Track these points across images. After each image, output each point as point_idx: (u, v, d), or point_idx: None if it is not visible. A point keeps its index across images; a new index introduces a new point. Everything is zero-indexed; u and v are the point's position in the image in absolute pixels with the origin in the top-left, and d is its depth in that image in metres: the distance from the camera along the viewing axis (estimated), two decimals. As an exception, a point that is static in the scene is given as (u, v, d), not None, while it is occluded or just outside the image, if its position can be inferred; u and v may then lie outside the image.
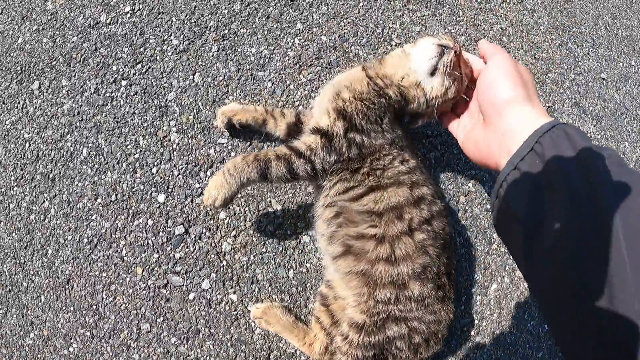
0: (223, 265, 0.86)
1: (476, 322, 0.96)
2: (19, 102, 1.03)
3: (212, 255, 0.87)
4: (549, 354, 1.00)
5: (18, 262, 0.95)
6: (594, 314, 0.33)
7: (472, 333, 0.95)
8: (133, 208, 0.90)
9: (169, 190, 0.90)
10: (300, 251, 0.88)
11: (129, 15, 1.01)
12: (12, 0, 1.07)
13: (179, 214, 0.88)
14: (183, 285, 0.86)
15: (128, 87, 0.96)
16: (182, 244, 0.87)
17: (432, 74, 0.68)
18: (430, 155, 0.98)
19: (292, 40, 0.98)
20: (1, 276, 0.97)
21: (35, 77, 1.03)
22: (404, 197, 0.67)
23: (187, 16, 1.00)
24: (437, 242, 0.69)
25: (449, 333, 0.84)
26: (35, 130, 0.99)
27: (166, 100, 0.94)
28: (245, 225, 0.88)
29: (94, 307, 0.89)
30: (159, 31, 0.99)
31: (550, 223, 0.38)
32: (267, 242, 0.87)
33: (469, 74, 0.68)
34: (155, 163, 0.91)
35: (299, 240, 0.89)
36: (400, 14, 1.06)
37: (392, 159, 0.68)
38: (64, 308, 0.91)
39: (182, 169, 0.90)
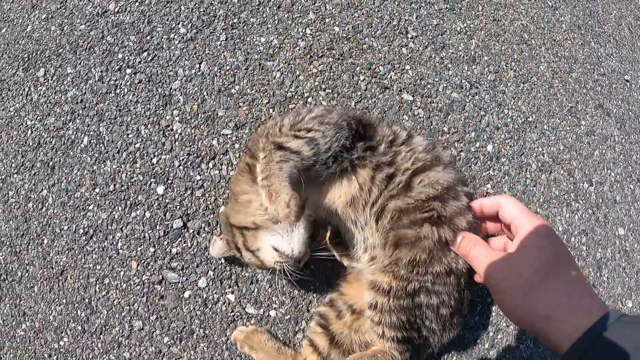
0: (221, 263, 0.79)
1: (491, 334, 0.86)
2: (24, 89, 0.98)
3: (211, 252, 0.79)
4: (569, 374, 0.89)
5: (13, 250, 0.89)
6: None
7: (486, 346, 0.85)
8: (131, 199, 0.83)
9: (169, 181, 0.83)
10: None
11: (137, 3, 0.95)
12: (24, -13, 1.03)
13: (178, 207, 0.81)
14: (179, 282, 0.78)
15: (133, 75, 0.90)
16: (180, 239, 0.80)
17: None
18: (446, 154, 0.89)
19: (304, 30, 0.91)
20: (-3, 265, 0.91)
21: (41, 65, 0.98)
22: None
23: (196, 5, 0.94)
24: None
25: (462, 341, 0.74)
26: (38, 118, 0.94)
27: (170, 89, 0.87)
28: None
29: (87, 300, 0.82)
30: (167, 19, 0.93)
31: None
32: (269, 240, 0.79)
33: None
34: (156, 153, 0.84)
35: (303, 239, 0.81)
36: (417, 6, 0.98)
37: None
38: (56, 300, 0.84)
39: (183, 160, 0.83)
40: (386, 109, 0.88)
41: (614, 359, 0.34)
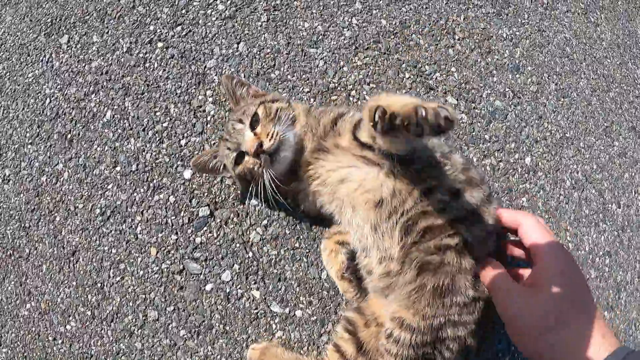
0: (248, 257, 0.73)
1: (512, 348, 0.82)
2: (44, 56, 0.90)
3: (238, 245, 0.73)
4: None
5: (22, 225, 0.82)
6: None
7: (507, 358, 0.82)
8: (155, 181, 0.76)
9: (198, 166, 0.76)
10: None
11: (173, -26, 0.87)
12: (51, -55, 0.94)
13: (206, 194, 0.75)
14: (201, 273, 0.72)
15: (164, 49, 0.82)
16: (205, 228, 0.74)
17: None
18: (486, 162, 0.84)
19: (350, 20, 0.84)
20: (3, 239, 0.84)
21: (65, 31, 0.90)
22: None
23: (237, -18, 0.86)
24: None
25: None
26: (58, 87, 0.86)
27: (205, 67, 0.80)
28: (279, 215, 0.74)
29: (99, 285, 0.75)
30: (204, -6, 0.86)
31: None
32: (301, 237, 0.74)
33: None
34: (186, 134, 0.78)
35: (335, 238, 0.75)
36: (465, 7, 0.92)
37: None
38: (65, 282, 0.78)
39: (214, 144, 0.77)
40: (430, 111, 0.82)
41: None
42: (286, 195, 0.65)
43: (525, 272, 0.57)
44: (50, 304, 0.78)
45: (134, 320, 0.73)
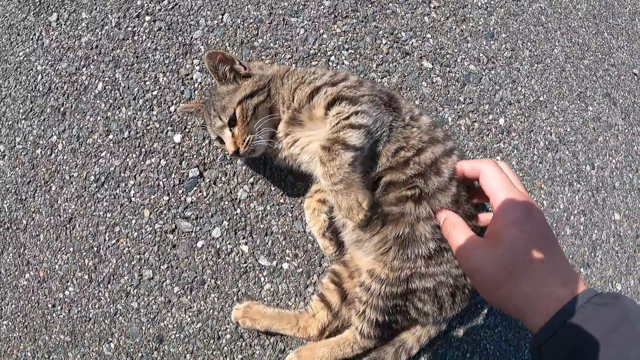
0: (237, 214, 0.79)
1: (491, 302, 0.89)
2: (34, 34, 0.95)
3: (226, 202, 0.79)
4: (562, 344, 0.92)
5: (19, 198, 0.87)
6: None
7: (485, 311, 0.88)
8: (146, 147, 0.82)
9: (187, 130, 0.82)
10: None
11: (158, -49, 0.93)
12: None
13: (195, 156, 0.80)
14: (192, 231, 0.78)
15: (152, 22, 0.88)
16: (195, 188, 0.79)
17: None
18: (460, 123, 0.90)
19: (328, -10, 0.90)
20: (0, 212, 0.89)
21: (54, 9, 0.95)
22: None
23: (220, -43, 0.91)
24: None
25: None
26: (49, 63, 0.91)
27: (191, 38, 0.86)
28: (264, 173, 0.80)
29: (95, 249, 0.81)
30: (189, -30, 0.91)
31: None
32: (285, 193, 0.80)
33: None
34: (175, 101, 0.83)
35: (319, 195, 0.81)
36: (441, -23, 0.98)
37: None
38: (63, 248, 0.83)
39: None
40: (406, 74, 0.88)
41: (575, 347, 0.33)
42: None
43: (485, 217, 0.58)
44: (48, 271, 0.83)
45: (129, 280, 0.79)
